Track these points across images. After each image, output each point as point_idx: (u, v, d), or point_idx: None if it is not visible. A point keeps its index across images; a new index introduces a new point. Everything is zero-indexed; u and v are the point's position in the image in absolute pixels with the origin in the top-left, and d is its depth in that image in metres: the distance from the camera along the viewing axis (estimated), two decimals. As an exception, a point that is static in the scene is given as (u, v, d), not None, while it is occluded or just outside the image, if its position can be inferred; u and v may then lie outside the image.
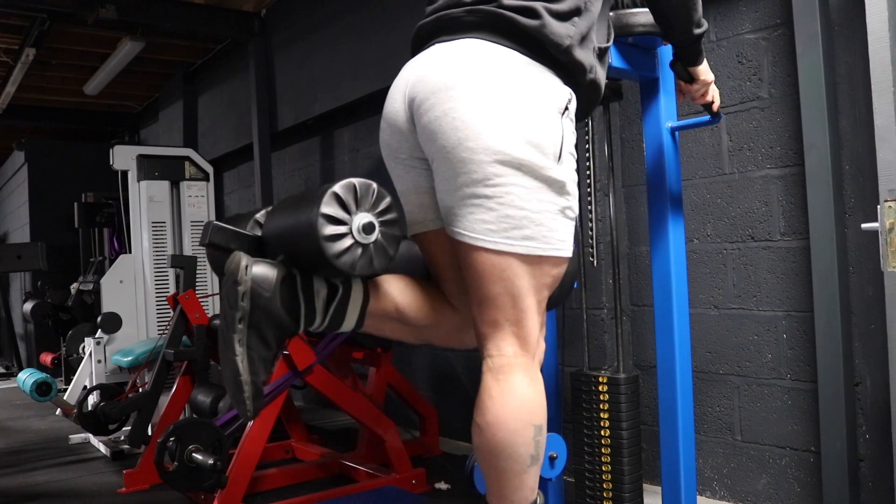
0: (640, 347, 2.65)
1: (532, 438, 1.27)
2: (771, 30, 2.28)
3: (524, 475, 1.28)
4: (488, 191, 1.23)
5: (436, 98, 1.26)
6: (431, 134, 1.27)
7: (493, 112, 1.23)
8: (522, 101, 1.25)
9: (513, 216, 1.24)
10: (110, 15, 4.15)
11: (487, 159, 1.22)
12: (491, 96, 1.24)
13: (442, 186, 1.30)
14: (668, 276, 1.96)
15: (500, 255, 1.25)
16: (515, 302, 1.28)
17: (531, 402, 1.28)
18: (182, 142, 5.86)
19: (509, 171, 1.23)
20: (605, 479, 2.08)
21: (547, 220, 1.27)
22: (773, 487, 2.31)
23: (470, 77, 1.25)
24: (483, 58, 1.27)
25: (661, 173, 1.97)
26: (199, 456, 2.25)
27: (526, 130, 1.24)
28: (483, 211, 1.24)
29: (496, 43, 1.27)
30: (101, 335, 3.95)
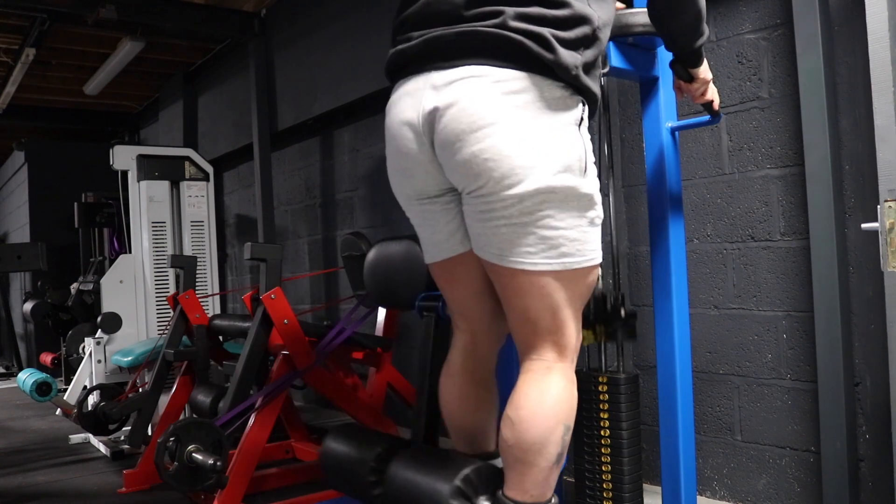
0: (640, 347, 2.65)
1: (561, 437, 1.32)
2: (771, 30, 2.28)
3: (548, 472, 1.32)
4: (525, 219, 1.27)
5: (467, 138, 1.25)
6: (467, 172, 1.28)
7: (527, 147, 1.24)
8: (549, 128, 1.26)
9: (549, 237, 1.28)
10: (110, 15, 4.15)
11: (525, 193, 1.25)
12: (521, 129, 1.24)
13: (477, 217, 1.32)
14: (668, 276, 1.96)
15: (539, 275, 1.30)
16: (555, 314, 1.33)
17: (565, 403, 1.33)
18: (182, 142, 5.86)
19: (545, 198, 1.26)
20: (605, 479, 2.08)
21: (579, 234, 1.31)
22: (773, 487, 2.31)
23: (496, 112, 1.24)
24: (501, 88, 1.25)
25: (661, 173, 1.96)
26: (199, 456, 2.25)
27: (558, 158, 1.26)
28: (520, 237, 1.28)
29: (506, 68, 1.26)
30: (101, 335, 3.95)
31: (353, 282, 2.94)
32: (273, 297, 2.58)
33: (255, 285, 3.80)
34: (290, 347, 2.57)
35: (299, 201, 4.86)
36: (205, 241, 4.90)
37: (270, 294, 2.59)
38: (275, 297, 2.58)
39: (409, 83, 1.35)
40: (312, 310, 4.59)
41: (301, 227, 4.86)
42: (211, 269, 4.92)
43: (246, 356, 2.66)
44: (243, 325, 2.98)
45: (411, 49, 1.35)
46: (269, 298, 2.59)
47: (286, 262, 4.88)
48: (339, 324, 2.69)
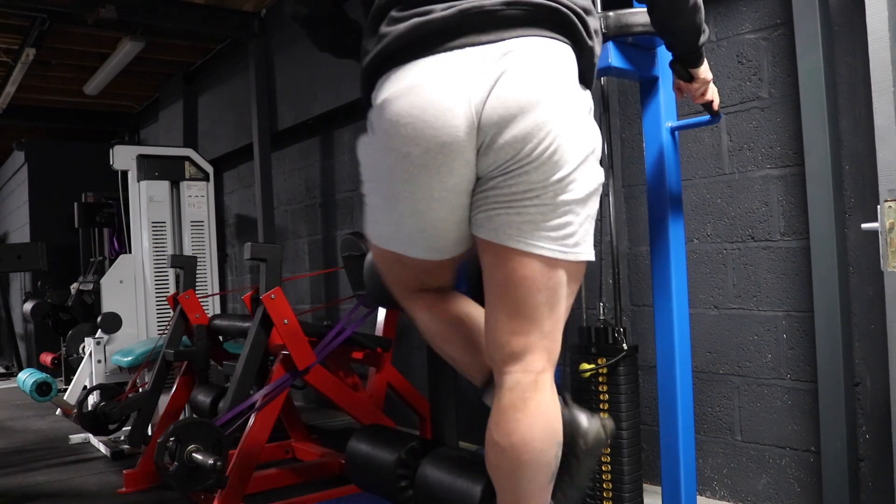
0: (640, 347, 2.65)
1: (555, 457, 1.25)
2: (771, 30, 2.28)
3: (543, 491, 1.26)
4: (558, 200, 1.20)
5: (531, 110, 1.14)
6: (516, 146, 1.15)
7: (581, 127, 1.20)
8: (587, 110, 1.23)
9: (571, 223, 1.21)
10: (110, 15, 4.15)
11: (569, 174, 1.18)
12: (576, 108, 1.20)
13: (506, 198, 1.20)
14: (668, 276, 1.96)
15: (552, 262, 1.22)
16: (553, 310, 1.25)
17: (556, 421, 1.25)
18: (182, 142, 5.86)
19: (580, 180, 1.21)
20: (605, 479, 2.08)
21: (588, 225, 1.26)
22: (773, 487, 2.31)
23: (557, 86, 1.17)
24: (559, 64, 1.19)
25: (661, 173, 1.96)
26: (199, 456, 2.25)
27: (594, 142, 1.23)
28: (547, 220, 1.20)
29: (555, 40, 1.19)
30: (101, 335, 3.95)
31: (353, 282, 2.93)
32: (273, 297, 2.58)
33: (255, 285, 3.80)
34: (290, 347, 2.57)
35: (299, 201, 4.86)
36: (205, 241, 4.90)
37: (270, 294, 2.59)
38: (275, 297, 2.58)
39: (433, 63, 1.17)
40: (312, 310, 4.59)
41: (301, 227, 4.86)
42: (211, 269, 4.92)
43: (246, 356, 2.66)
44: (243, 325, 2.98)
45: (438, 21, 1.17)
46: (269, 298, 2.58)
47: (286, 262, 4.88)
48: (339, 324, 2.69)
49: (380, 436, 1.82)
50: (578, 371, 2.10)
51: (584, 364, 2.09)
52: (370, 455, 1.76)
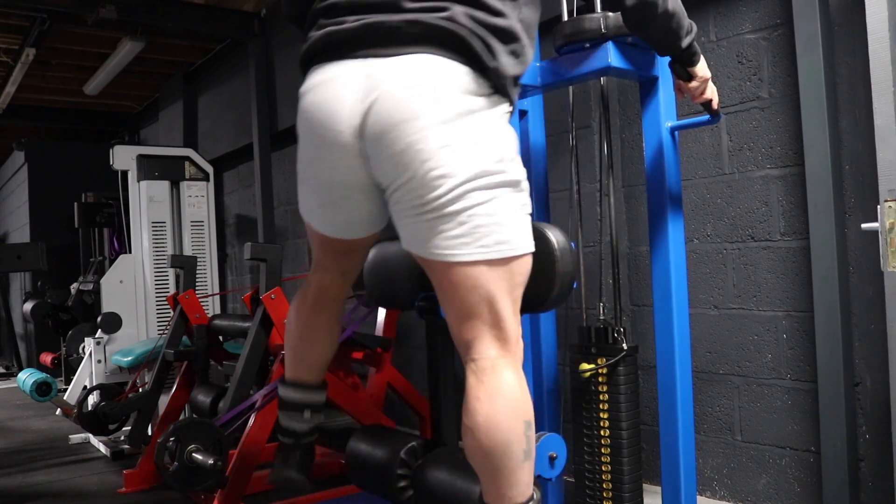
0: (640, 347, 2.65)
1: (523, 434, 1.29)
2: (771, 30, 2.28)
3: (519, 471, 1.30)
4: (457, 206, 1.24)
5: (400, 130, 1.23)
6: (399, 164, 1.25)
7: (457, 137, 1.24)
8: (482, 120, 1.27)
9: (483, 224, 1.26)
10: (110, 15, 4.15)
11: (455, 183, 1.23)
12: (453, 121, 1.24)
13: (408, 213, 1.30)
14: (668, 276, 1.96)
15: (475, 265, 1.27)
16: (492, 306, 1.30)
17: (519, 399, 1.29)
18: (182, 142, 5.86)
19: (474, 186, 1.25)
20: (605, 479, 2.08)
21: (512, 220, 1.30)
22: (773, 487, 2.31)
23: (431, 104, 1.23)
24: (440, 80, 1.24)
25: (661, 173, 1.97)
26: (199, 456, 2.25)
27: (489, 149, 1.26)
28: (454, 227, 1.25)
29: (445, 58, 1.25)
30: (101, 335, 3.95)
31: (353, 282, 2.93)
32: (273, 297, 2.58)
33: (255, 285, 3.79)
34: (290, 347, 2.57)
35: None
36: (205, 241, 4.90)
37: (270, 294, 2.59)
38: (275, 297, 2.58)
39: (337, 67, 1.29)
40: (312, 310, 4.59)
41: (301, 227, 4.85)
42: (211, 269, 4.92)
43: (246, 356, 2.66)
44: (243, 325, 2.98)
45: (346, 32, 1.29)
46: (269, 298, 2.58)
47: (286, 262, 4.87)
48: (338, 324, 2.69)
49: (380, 436, 1.82)
50: (578, 371, 2.10)
51: (584, 364, 2.09)
52: (370, 455, 1.76)
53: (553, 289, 1.50)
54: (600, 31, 1.82)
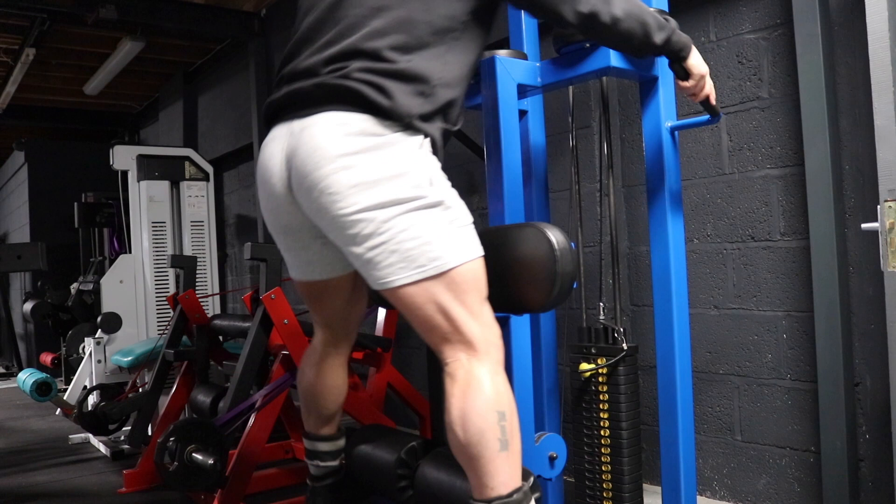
0: (640, 347, 2.65)
1: (496, 423, 1.34)
2: (771, 30, 2.28)
3: (497, 461, 1.35)
4: (383, 238, 1.36)
5: (310, 179, 1.38)
6: (318, 211, 1.40)
7: (364, 175, 1.35)
8: (389, 157, 1.38)
9: (413, 247, 1.36)
10: (110, 15, 4.15)
11: (370, 217, 1.35)
12: (357, 163, 1.36)
13: (345, 251, 1.43)
14: (668, 276, 1.96)
15: (417, 284, 1.38)
16: (448, 316, 1.39)
17: (490, 392, 1.36)
18: (182, 142, 5.86)
19: (392, 215, 1.35)
20: (605, 479, 2.08)
21: (442, 236, 1.38)
22: (773, 487, 2.31)
23: (335, 152, 1.36)
24: (342, 130, 1.38)
25: (661, 173, 1.96)
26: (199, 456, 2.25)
27: (397, 177, 1.37)
28: (387, 255, 1.37)
29: (349, 111, 1.39)
30: (101, 335, 3.95)
31: (353, 282, 2.93)
32: (273, 297, 2.58)
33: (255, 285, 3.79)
34: (290, 347, 2.57)
35: (299, 201, 4.86)
36: (205, 241, 4.90)
37: (270, 294, 2.58)
38: (275, 297, 2.58)
39: (276, 129, 1.49)
40: (312, 310, 4.59)
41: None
42: (211, 269, 4.92)
43: (246, 356, 2.66)
44: (243, 325, 2.98)
45: (278, 100, 1.50)
46: (269, 298, 2.58)
47: (286, 262, 4.87)
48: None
49: (380, 436, 1.82)
50: (578, 371, 2.10)
51: (583, 364, 2.09)
52: (370, 455, 1.76)
53: (553, 289, 1.50)
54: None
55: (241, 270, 5.59)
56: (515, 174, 1.89)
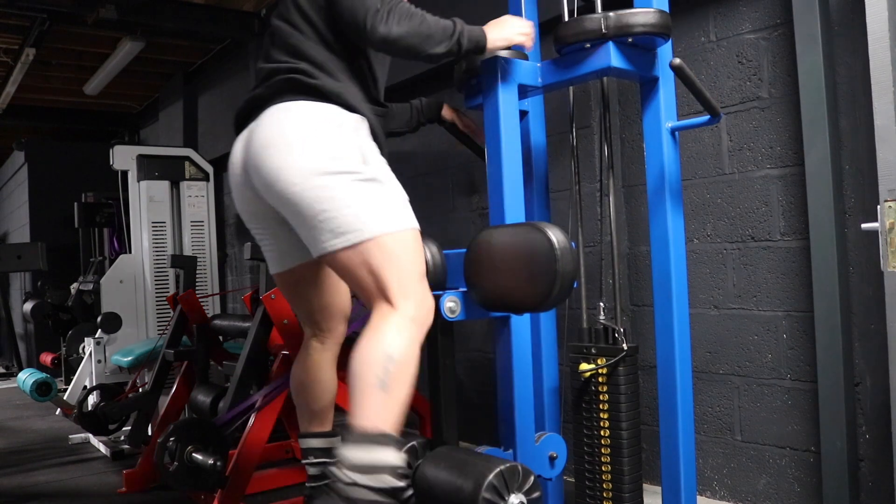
0: (640, 347, 2.65)
1: (380, 363, 1.45)
2: (771, 30, 2.29)
3: (371, 397, 1.45)
4: (320, 200, 1.55)
5: (260, 157, 1.62)
6: (267, 184, 1.61)
7: (303, 148, 1.57)
8: (322, 132, 1.59)
9: (345, 216, 1.54)
10: (110, 15, 4.15)
11: (309, 179, 1.55)
12: (299, 139, 1.58)
13: (295, 223, 1.63)
14: (668, 276, 1.96)
15: (351, 249, 1.55)
16: (378, 277, 1.55)
17: (389, 338, 1.49)
18: (182, 142, 5.86)
19: (328, 180, 1.55)
20: (605, 479, 2.08)
21: (372, 208, 1.56)
22: (773, 487, 2.31)
23: (276, 137, 1.61)
24: (284, 116, 1.63)
25: (661, 173, 1.97)
26: (199, 456, 2.25)
27: (329, 156, 1.56)
28: (326, 224, 1.55)
29: (291, 100, 1.64)
30: (101, 335, 3.95)
31: (353, 282, 2.94)
32: (273, 298, 2.58)
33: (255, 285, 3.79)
34: (290, 347, 2.58)
35: (299, 201, 4.86)
36: (205, 241, 4.90)
37: (270, 294, 2.59)
38: (275, 297, 2.58)
39: (241, 133, 1.77)
40: (312, 310, 4.59)
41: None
42: (211, 269, 4.93)
43: (246, 356, 2.66)
44: (243, 325, 2.99)
45: (242, 109, 1.79)
46: (269, 298, 2.58)
47: (286, 262, 4.86)
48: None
49: None
50: (578, 371, 2.10)
51: (583, 364, 2.09)
52: None
53: (553, 288, 1.50)
54: (601, 32, 1.82)
55: (241, 270, 5.59)
56: (516, 174, 1.89)
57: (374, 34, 1.65)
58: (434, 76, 3.30)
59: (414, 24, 1.68)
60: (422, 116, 2.27)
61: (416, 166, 3.54)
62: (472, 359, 3.31)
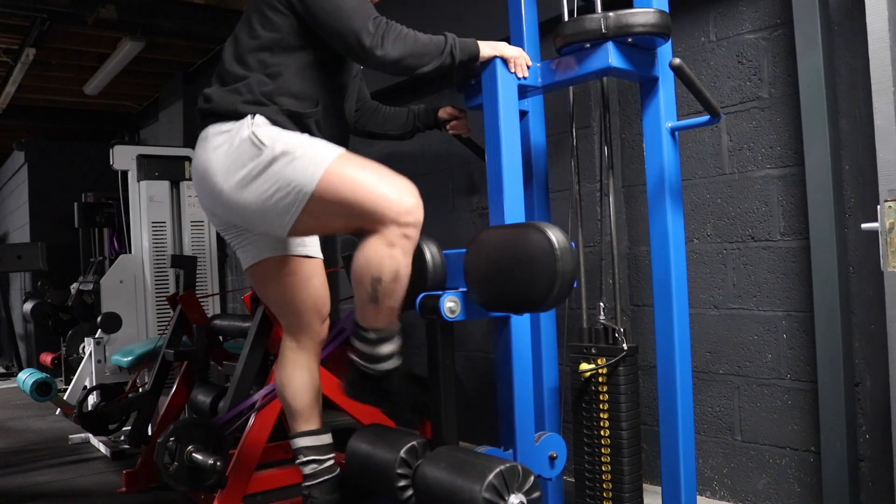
0: (640, 347, 2.65)
1: (369, 283, 1.68)
2: (771, 30, 2.29)
3: (365, 308, 1.74)
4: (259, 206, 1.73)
5: (197, 179, 1.91)
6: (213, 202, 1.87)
7: (221, 169, 1.77)
8: (229, 144, 1.77)
9: (281, 193, 1.71)
10: (110, 15, 4.15)
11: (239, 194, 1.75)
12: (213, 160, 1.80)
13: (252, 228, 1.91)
14: (668, 276, 1.96)
15: (305, 214, 1.71)
16: (349, 213, 1.70)
17: (374, 254, 1.68)
18: (182, 142, 5.86)
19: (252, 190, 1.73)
20: (605, 479, 2.08)
21: (296, 173, 1.70)
22: (773, 487, 2.31)
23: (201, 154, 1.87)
24: (205, 138, 1.87)
25: (661, 173, 1.97)
26: (199, 456, 2.25)
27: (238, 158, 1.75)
28: (273, 209, 1.72)
29: (207, 125, 1.86)
30: (101, 335, 3.95)
31: (353, 282, 2.94)
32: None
33: (255, 285, 3.75)
34: (290, 347, 2.57)
35: (299, 201, 4.85)
36: (205, 241, 4.90)
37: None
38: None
39: None
40: (312, 310, 4.58)
41: (301, 227, 4.85)
42: (211, 269, 4.92)
43: (246, 356, 2.66)
44: (243, 325, 2.98)
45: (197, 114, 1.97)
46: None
47: (286, 262, 4.86)
48: (339, 324, 2.69)
49: (380, 436, 1.82)
50: (578, 371, 2.10)
51: (583, 364, 2.09)
52: (370, 455, 1.76)
53: (553, 288, 1.50)
54: (601, 32, 1.82)
55: (241, 270, 5.59)
56: (516, 174, 1.89)
57: (373, 58, 1.73)
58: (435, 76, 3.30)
59: (408, 44, 1.75)
60: (418, 121, 2.31)
61: (416, 166, 3.54)
62: (472, 359, 3.31)
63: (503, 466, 1.47)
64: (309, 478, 1.94)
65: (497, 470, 1.46)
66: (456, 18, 3.14)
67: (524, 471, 1.49)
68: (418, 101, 3.50)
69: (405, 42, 1.74)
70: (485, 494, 1.43)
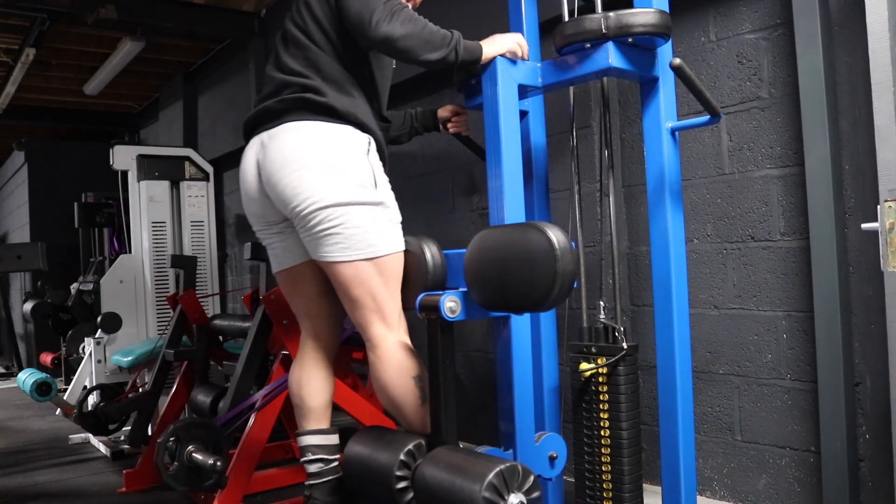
0: (640, 347, 2.65)
1: (416, 386, 1.75)
2: (771, 30, 2.29)
3: (419, 412, 1.76)
4: (333, 224, 1.73)
5: (279, 174, 1.76)
6: (283, 200, 1.77)
7: (321, 174, 1.72)
8: (337, 157, 1.74)
9: (355, 234, 1.73)
10: (110, 15, 4.15)
11: (326, 208, 1.71)
12: (315, 163, 1.73)
13: (303, 234, 1.80)
14: (668, 276, 1.96)
15: (353, 263, 1.75)
16: (374, 297, 1.77)
17: (405, 361, 1.77)
18: (182, 142, 5.86)
19: (343, 209, 1.72)
20: (605, 479, 2.08)
21: (378, 229, 1.76)
22: (773, 487, 2.31)
23: (298, 152, 1.75)
24: (298, 137, 1.76)
25: (661, 173, 1.97)
26: (199, 456, 2.25)
27: (346, 178, 1.73)
28: (335, 239, 1.74)
29: (305, 119, 1.77)
30: (101, 335, 3.95)
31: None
32: (273, 298, 2.58)
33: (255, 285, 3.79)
34: (290, 347, 2.58)
35: (299, 201, 4.85)
36: (205, 241, 4.90)
37: (270, 294, 2.58)
38: (275, 297, 2.58)
39: (252, 140, 1.88)
40: (312, 310, 4.58)
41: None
42: (211, 269, 4.92)
43: (246, 356, 2.66)
44: (243, 325, 2.99)
45: (252, 117, 1.89)
46: (269, 298, 2.58)
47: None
48: (339, 324, 2.69)
49: (379, 437, 1.82)
50: (578, 371, 2.10)
51: (583, 364, 2.09)
52: (370, 457, 1.76)
53: (553, 288, 1.50)
54: (601, 32, 1.82)
55: (241, 270, 5.59)
56: (516, 174, 1.89)
57: (378, 31, 1.72)
58: (435, 76, 3.31)
59: (416, 27, 1.76)
60: (416, 123, 2.32)
61: (416, 166, 3.54)
62: (472, 359, 3.31)
63: (503, 466, 1.47)
64: (313, 476, 1.94)
65: (497, 469, 1.46)
66: (456, 18, 3.14)
67: (524, 470, 1.49)
68: (418, 102, 3.50)
69: (414, 24, 1.75)
70: (485, 494, 1.43)
